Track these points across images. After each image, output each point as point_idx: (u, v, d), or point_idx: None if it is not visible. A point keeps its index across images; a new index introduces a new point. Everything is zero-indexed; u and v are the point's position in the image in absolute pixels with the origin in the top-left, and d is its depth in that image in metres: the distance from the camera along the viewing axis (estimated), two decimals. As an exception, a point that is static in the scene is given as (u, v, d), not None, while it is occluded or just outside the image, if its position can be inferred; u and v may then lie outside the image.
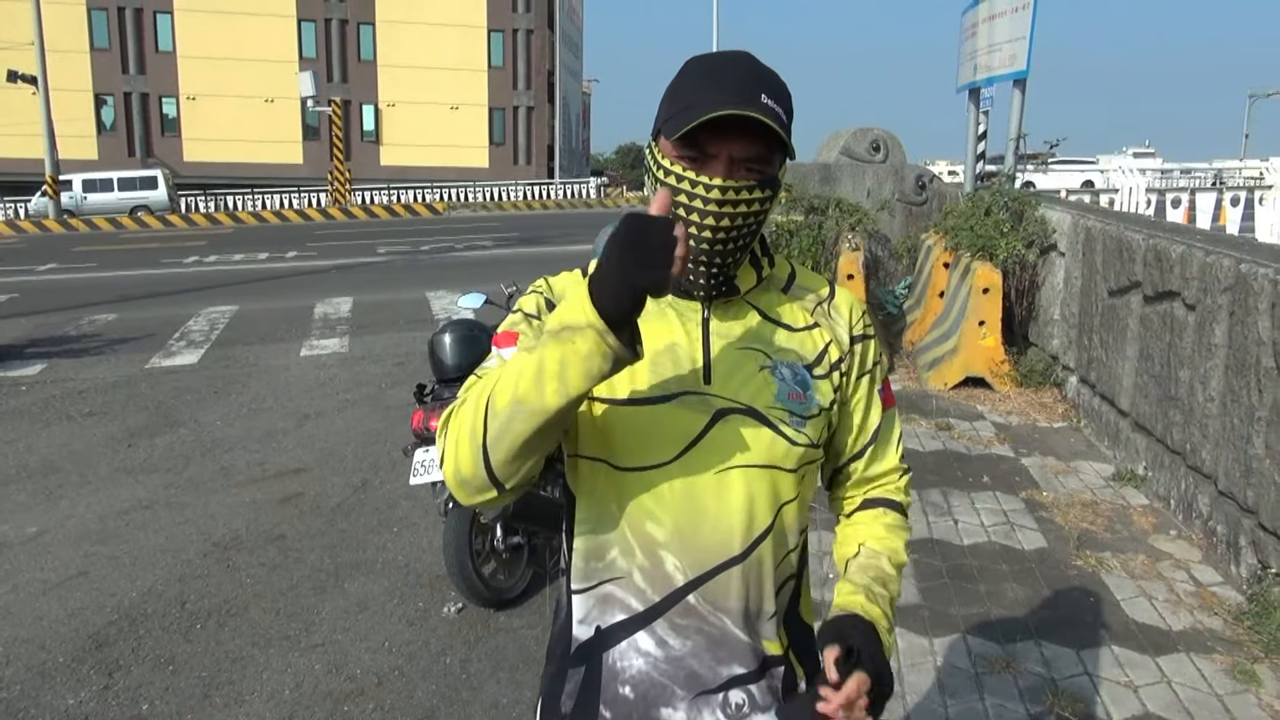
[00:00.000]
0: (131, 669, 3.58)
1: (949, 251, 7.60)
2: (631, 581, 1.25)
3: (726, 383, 1.24)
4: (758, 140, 1.18)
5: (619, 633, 1.26)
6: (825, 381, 1.30)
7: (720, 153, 1.18)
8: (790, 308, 1.33)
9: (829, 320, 1.34)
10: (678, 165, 1.19)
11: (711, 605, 1.23)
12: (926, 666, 3.27)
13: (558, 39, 47.44)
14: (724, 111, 1.14)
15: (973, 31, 8.84)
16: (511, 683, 3.42)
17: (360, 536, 4.74)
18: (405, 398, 7.17)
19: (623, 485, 1.24)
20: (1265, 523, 3.67)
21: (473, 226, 24.67)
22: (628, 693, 1.25)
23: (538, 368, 1.07)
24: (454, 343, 4.17)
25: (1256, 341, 3.81)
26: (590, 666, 1.27)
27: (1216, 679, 3.18)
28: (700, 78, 1.20)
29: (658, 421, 1.22)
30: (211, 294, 13.23)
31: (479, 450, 1.13)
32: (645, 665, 1.25)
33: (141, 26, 43.10)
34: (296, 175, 41.55)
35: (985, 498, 4.78)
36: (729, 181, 1.17)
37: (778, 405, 1.24)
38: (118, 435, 6.61)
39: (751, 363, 1.26)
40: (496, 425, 1.11)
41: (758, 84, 1.18)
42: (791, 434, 1.25)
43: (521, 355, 1.12)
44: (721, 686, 1.25)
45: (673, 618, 1.23)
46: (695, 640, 1.24)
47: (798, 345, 1.30)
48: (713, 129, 1.16)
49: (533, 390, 1.08)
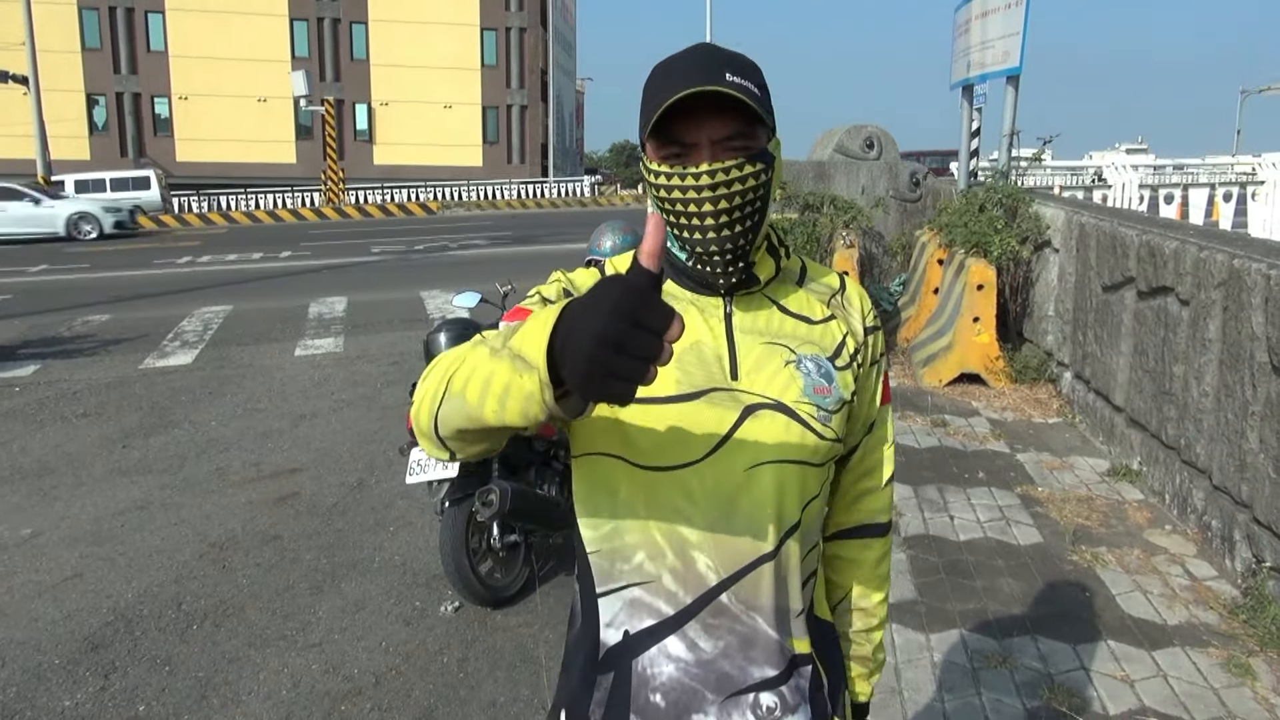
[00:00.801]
0: (128, 670, 3.57)
1: (943, 248, 7.62)
2: (661, 585, 1.22)
3: (754, 378, 1.23)
4: (732, 117, 1.16)
5: (648, 639, 1.23)
6: (847, 373, 1.30)
7: (699, 139, 1.16)
8: (808, 300, 1.33)
9: (844, 312, 1.34)
10: (664, 165, 1.18)
11: (744, 604, 1.22)
12: (924, 662, 3.28)
13: (551, 37, 47.36)
14: (688, 90, 1.12)
15: (965, 28, 8.85)
16: (509, 681, 3.42)
17: (356, 536, 4.73)
18: (400, 397, 7.16)
19: (652, 485, 1.22)
20: (1260, 517, 3.68)
21: (467, 226, 24.65)
22: (659, 700, 1.23)
23: (487, 378, 0.96)
24: (449, 341, 4.17)
25: (1250, 336, 3.83)
26: (619, 673, 1.25)
27: (1212, 673, 3.19)
28: (661, 74, 1.19)
29: (687, 420, 1.20)
30: (205, 294, 13.19)
31: (433, 416, 1.07)
32: (676, 671, 1.23)
33: (133, 26, 42.95)
34: (290, 175, 41.45)
35: (981, 493, 4.79)
36: (715, 164, 1.15)
37: (805, 400, 1.24)
38: (112, 436, 6.59)
39: (777, 357, 1.25)
40: (448, 405, 1.03)
41: (719, 64, 1.16)
42: (820, 428, 1.24)
43: (485, 350, 0.99)
44: (752, 688, 1.23)
45: (705, 619, 1.22)
46: (727, 640, 1.23)
47: (818, 338, 1.30)
48: (685, 116, 1.15)
49: (477, 397, 0.98)
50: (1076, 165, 27.08)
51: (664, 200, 1.20)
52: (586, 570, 1.29)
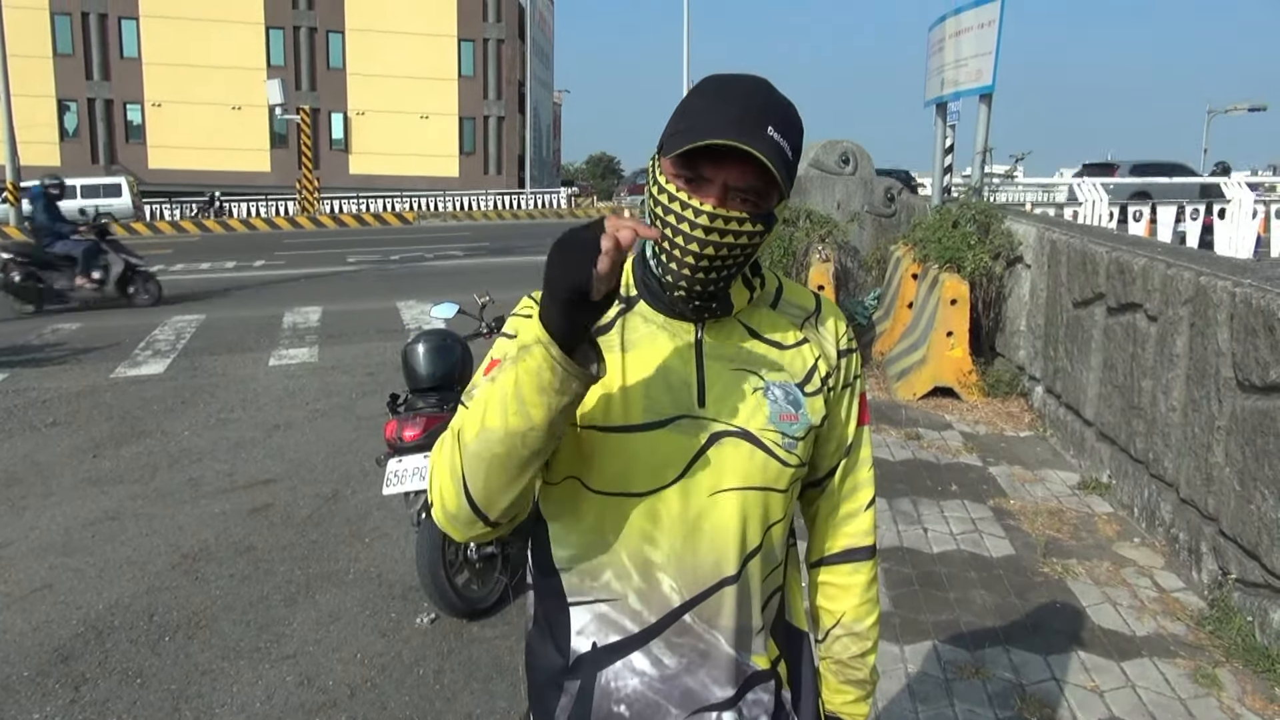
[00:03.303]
0: (98, 682, 3.53)
1: (917, 263, 7.70)
2: (627, 604, 1.26)
3: (720, 405, 1.25)
4: (756, 172, 1.15)
5: (613, 654, 1.27)
6: (817, 399, 1.32)
7: (716, 178, 1.16)
8: (780, 324, 1.33)
9: (817, 335, 1.35)
10: (672, 184, 1.17)
11: (707, 624, 1.25)
12: (898, 673, 3.31)
13: (529, 49, 47.48)
14: (721, 141, 1.11)
15: (939, 47, 8.98)
16: (485, 693, 3.41)
17: (331, 547, 4.70)
18: (376, 408, 7.12)
19: (619, 510, 1.24)
20: (1226, 529, 3.75)
21: (443, 236, 24.59)
22: (623, 710, 1.26)
23: (500, 393, 1.09)
24: (427, 352, 4.17)
25: (1216, 352, 3.91)
26: (585, 683, 1.28)
27: (1179, 683, 3.24)
28: (709, 99, 1.17)
29: (654, 447, 1.22)
30: (178, 303, 13.06)
31: (459, 484, 1.14)
32: (640, 684, 1.26)
33: (106, 32, 42.57)
34: (264, 183, 41.15)
35: (954, 506, 4.84)
36: (719, 210, 1.15)
37: (770, 427, 1.26)
38: (83, 446, 6.51)
39: (745, 384, 1.26)
40: (470, 457, 1.12)
41: (764, 115, 1.14)
42: (784, 455, 1.26)
43: (486, 385, 1.13)
44: (714, 706, 1.26)
45: (669, 637, 1.25)
46: (690, 657, 1.26)
47: (788, 364, 1.31)
48: (711, 155, 1.14)
49: (496, 416, 1.09)
50: (1048, 183, 27.41)
51: (659, 218, 1.20)
52: (556, 581, 1.31)
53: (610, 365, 1.24)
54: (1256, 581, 3.51)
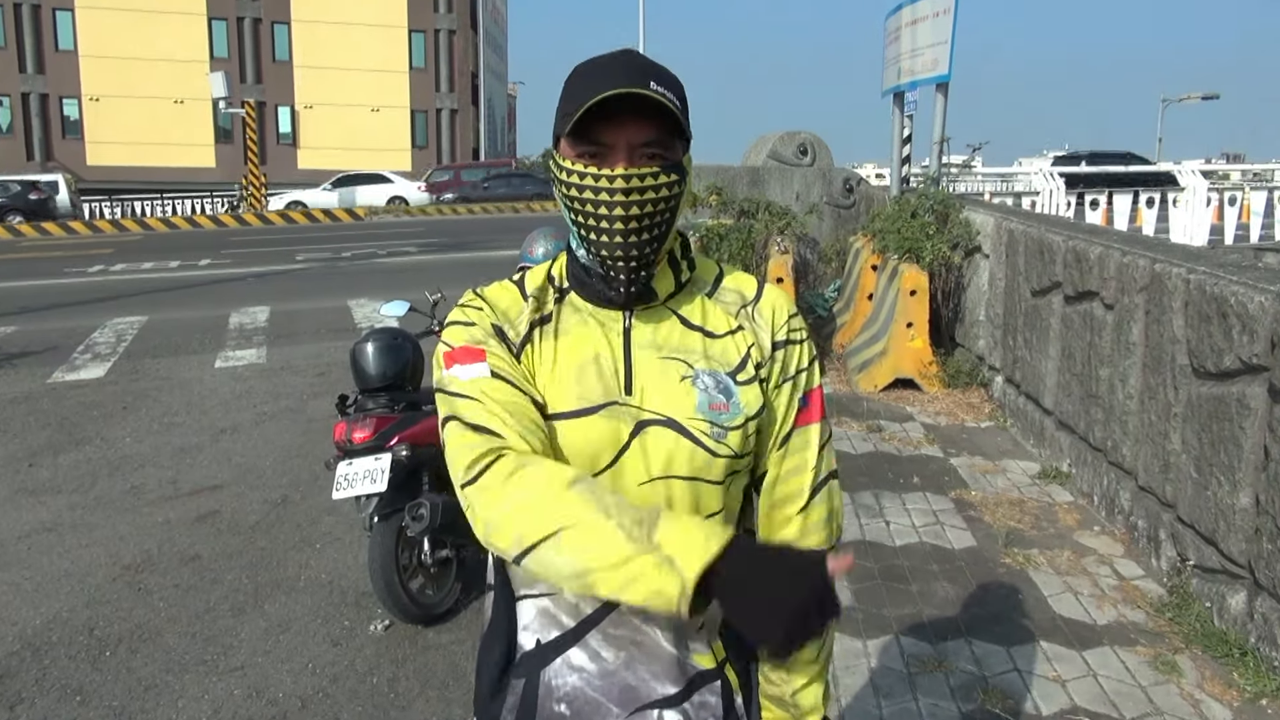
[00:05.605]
0: (35, 701, 3.37)
1: (877, 254, 7.71)
2: (563, 597, 1.24)
3: (646, 394, 1.23)
4: (653, 124, 1.17)
5: (554, 651, 1.26)
6: (751, 388, 1.27)
7: (617, 141, 1.17)
8: (713, 312, 1.30)
9: (752, 324, 1.30)
10: (579, 163, 1.19)
11: (641, 616, 1.22)
12: (860, 668, 3.28)
13: (481, 40, 47.05)
14: (612, 91, 1.13)
15: (896, 36, 9.00)
16: (441, 700, 3.32)
17: (281, 554, 4.56)
18: (327, 410, 6.94)
19: None
20: (1183, 516, 3.77)
21: (396, 232, 24.21)
22: (564, 709, 1.25)
23: (617, 559, 1.05)
24: (377, 351, 4.05)
25: (1171, 340, 3.93)
26: (530, 681, 1.27)
27: (1140, 670, 3.25)
28: (586, 73, 1.20)
29: (586, 434, 1.22)
30: (119, 304, 12.66)
31: (523, 549, 1.11)
32: (580, 681, 1.24)
33: (40, 24, 41.33)
34: (209, 179, 40.28)
35: (916, 498, 4.83)
36: (631, 169, 1.17)
37: (699, 416, 1.23)
38: (18, 454, 6.26)
39: (672, 373, 1.24)
40: (554, 556, 1.09)
41: (644, 72, 1.17)
42: (712, 445, 1.22)
43: (612, 524, 1.07)
44: (655, 704, 1.24)
45: (606, 629, 1.23)
46: (629, 651, 1.24)
47: (719, 352, 1.28)
48: (606, 118, 1.15)
49: (604, 571, 1.06)
50: (1006, 172, 27.75)
51: (574, 200, 1.20)
52: (504, 575, 1.31)
53: (546, 353, 1.26)
54: (1214, 567, 3.54)
